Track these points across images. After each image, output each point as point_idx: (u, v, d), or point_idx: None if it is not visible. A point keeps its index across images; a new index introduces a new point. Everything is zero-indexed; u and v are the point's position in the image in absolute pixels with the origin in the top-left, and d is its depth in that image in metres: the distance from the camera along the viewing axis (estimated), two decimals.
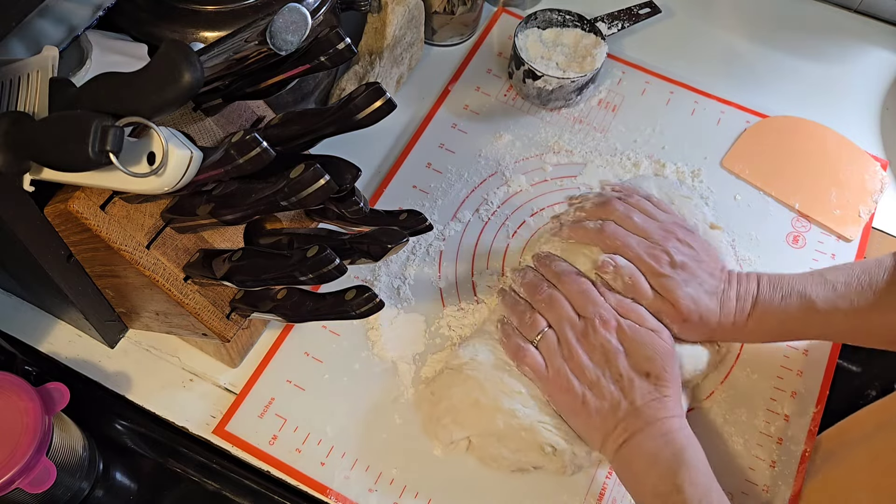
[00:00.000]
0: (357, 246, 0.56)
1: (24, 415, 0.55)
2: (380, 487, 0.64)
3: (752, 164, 0.82)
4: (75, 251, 0.57)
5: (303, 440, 0.65)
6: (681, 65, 0.90)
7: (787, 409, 0.68)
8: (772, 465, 0.66)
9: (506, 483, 0.64)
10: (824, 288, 0.63)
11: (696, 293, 0.65)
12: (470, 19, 0.88)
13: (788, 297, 0.64)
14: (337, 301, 0.53)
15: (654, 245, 0.67)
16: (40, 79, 0.51)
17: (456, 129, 0.83)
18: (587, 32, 0.85)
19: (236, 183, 0.50)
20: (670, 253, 0.67)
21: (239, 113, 0.60)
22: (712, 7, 0.96)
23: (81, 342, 0.69)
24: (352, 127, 0.50)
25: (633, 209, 0.70)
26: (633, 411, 0.59)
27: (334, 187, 0.46)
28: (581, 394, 0.61)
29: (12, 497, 0.56)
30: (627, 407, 0.60)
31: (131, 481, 0.65)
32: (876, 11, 0.95)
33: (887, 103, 0.89)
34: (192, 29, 0.63)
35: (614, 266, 0.66)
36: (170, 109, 0.45)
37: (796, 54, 0.92)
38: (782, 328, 0.65)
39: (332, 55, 0.50)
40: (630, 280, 0.66)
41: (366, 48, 0.80)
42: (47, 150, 0.45)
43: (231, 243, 0.59)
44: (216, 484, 0.65)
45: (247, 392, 0.67)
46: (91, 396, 0.67)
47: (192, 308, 0.57)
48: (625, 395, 0.60)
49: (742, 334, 0.66)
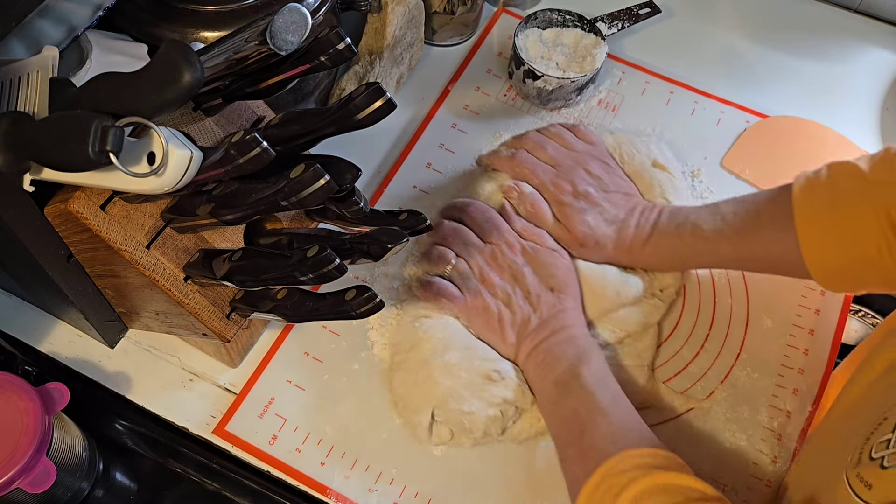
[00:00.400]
0: (357, 246, 0.56)
1: (24, 415, 0.55)
2: (380, 487, 0.64)
3: (752, 164, 0.82)
4: (75, 251, 0.57)
5: (303, 440, 0.65)
6: (681, 65, 0.90)
7: (789, 405, 0.68)
8: (773, 461, 0.66)
9: (506, 483, 0.64)
10: (714, 217, 0.67)
11: (595, 220, 0.70)
12: (470, 19, 0.88)
13: (682, 226, 0.68)
14: (337, 301, 0.53)
15: (559, 174, 0.73)
16: (40, 79, 0.51)
17: (456, 129, 0.83)
18: (587, 32, 0.85)
19: (236, 183, 0.50)
20: (574, 182, 0.72)
21: (239, 113, 0.60)
22: (712, 7, 0.96)
23: (81, 342, 0.69)
24: (352, 127, 0.50)
25: (547, 139, 0.76)
26: (541, 323, 0.65)
27: (334, 187, 0.46)
28: (497, 311, 0.66)
29: (12, 497, 0.56)
30: (536, 320, 0.66)
31: (131, 481, 0.65)
32: (876, 11, 0.95)
33: (887, 103, 0.89)
34: (192, 29, 0.63)
35: (518, 192, 0.72)
36: (170, 109, 0.45)
37: (796, 54, 0.92)
38: (676, 254, 0.69)
39: (332, 55, 0.50)
40: (531, 207, 0.71)
41: (366, 48, 0.80)
42: (47, 150, 0.45)
43: (231, 243, 0.59)
44: (216, 484, 0.65)
45: (247, 392, 0.67)
46: (91, 396, 0.67)
47: (192, 308, 0.57)
48: (534, 309, 0.66)
49: (640, 260, 0.70)
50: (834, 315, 0.74)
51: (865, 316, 1.00)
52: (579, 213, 0.70)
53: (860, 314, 1.00)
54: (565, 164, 0.73)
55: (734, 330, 0.72)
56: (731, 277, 0.75)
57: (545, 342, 0.64)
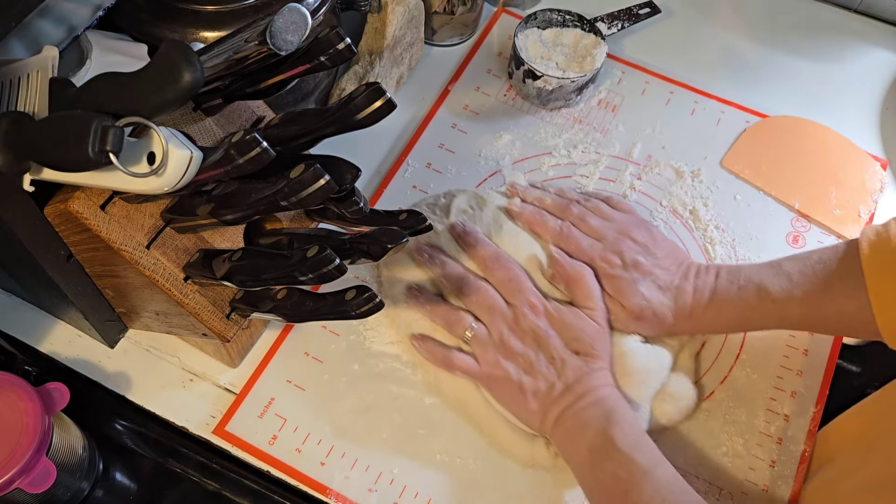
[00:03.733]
0: (357, 246, 0.56)
1: (24, 415, 0.55)
2: (380, 487, 0.64)
3: (752, 164, 0.82)
4: (75, 251, 0.57)
5: (303, 440, 0.65)
6: (681, 65, 0.90)
7: (786, 408, 0.68)
8: (772, 465, 0.66)
9: (506, 483, 0.64)
10: (779, 278, 0.63)
11: (649, 291, 0.66)
12: (470, 19, 0.88)
13: (745, 288, 0.64)
14: (337, 301, 0.53)
15: (606, 247, 0.69)
16: (40, 79, 0.51)
17: (456, 129, 0.83)
18: (587, 32, 0.85)
19: (236, 183, 0.50)
20: (622, 253, 0.68)
21: (239, 113, 0.60)
22: (712, 7, 0.96)
23: (81, 342, 0.69)
24: (352, 127, 0.50)
25: (588, 212, 0.72)
26: (566, 388, 0.62)
27: (334, 187, 0.46)
28: (518, 379, 0.63)
29: (12, 497, 0.56)
30: (562, 386, 0.62)
31: (131, 481, 0.65)
32: (876, 11, 0.95)
33: (887, 103, 0.89)
34: (192, 29, 0.63)
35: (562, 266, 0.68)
36: (170, 109, 0.45)
37: (796, 54, 0.92)
38: (740, 318, 0.65)
39: (332, 55, 0.50)
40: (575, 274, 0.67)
41: (366, 48, 0.80)
42: (47, 150, 0.45)
43: (231, 243, 0.59)
44: (216, 484, 0.65)
45: (247, 392, 0.67)
46: (91, 396, 0.67)
47: (192, 308, 0.57)
48: (559, 375, 0.62)
49: (701, 326, 0.67)
50: None
51: None
52: (632, 285, 0.66)
53: None
54: (610, 237, 0.70)
55: None
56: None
57: (571, 408, 0.61)
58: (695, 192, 0.80)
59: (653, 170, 0.81)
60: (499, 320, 0.65)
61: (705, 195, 0.80)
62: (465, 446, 0.66)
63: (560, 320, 0.65)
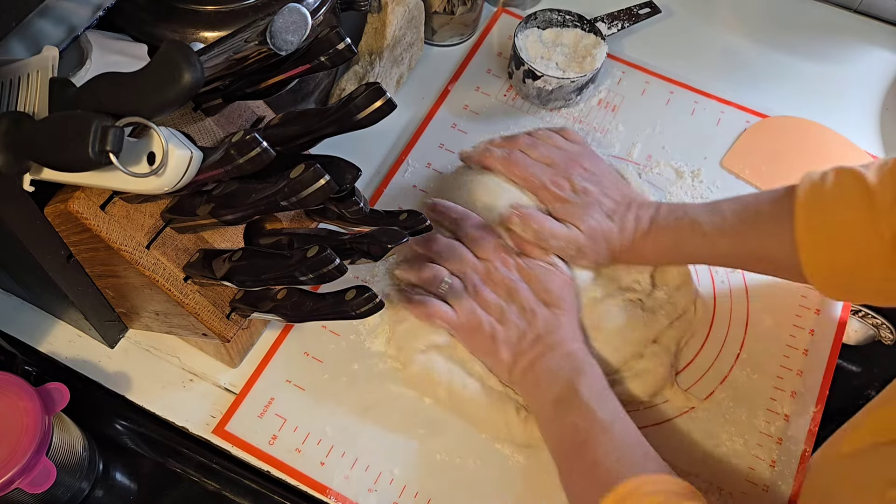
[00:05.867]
0: (357, 246, 0.56)
1: (24, 415, 0.55)
2: (380, 487, 0.64)
3: (752, 164, 0.82)
4: (75, 251, 0.57)
5: (303, 440, 0.65)
6: (681, 65, 0.90)
7: (786, 408, 0.68)
8: (772, 465, 0.66)
9: (506, 483, 0.64)
10: (714, 214, 0.67)
11: (598, 215, 0.70)
12: (470, 19, 0.88)
13: (681, 220, 0.68)
14: (337, 301, 0.53)
15: (556, 172, 0.73)
16: (40, 79, 0.51)
17: (456, 129, 0.83)
18: (587, 32, 0.85)
19: (236, 183, 0.50)
20: (572, 179, 0.72)
21: (239, 113, 0.60)
22: (712, 7, 0.96)
23: (81, 342, 0.69)
24: (352, 127, 0.50)
25: (538, 141, 0.76)
26: (536, 339, 0.64)
27: (334, 187, 0.46)
28: (490, 329, 0.65)
29: (12, 497, 0.56)
30: (532, 336, 0.65)
31: (131, 481, 0.65)
32: (876, 11, 0.95)
33: (887, 103, 0.89)
34: (192, 29, 0.63)
35: (519, 215, 0.70)
36: (170, 109, 0.45)
37: (796, 54, 0.92)
38: (675, 249, 0.69)
39: (332, 55, 0.50)
40: (537, 225, 0.69)
41: (366, 48, 0.80)
42: (47, 150, 0.45)
43: (231, 243, 0.59)
44: (216, 484, 0.65)
45: (247, 392, 0.67)
46: (91, 396, 0.67)
47: (192, 308, 0.57)
48: (529, 325, 0.65)
49: (640, 254, 0.70)
50: (834, 315, 0.74)
51: (866, 316, 1.00)
52: (583, 209, 0.70)
53: (861, 314, 1.00)
54: (560, 163, 0.73)
55: (734, 329, 0.72)
56: (730, 277, 0.75)
57: (541, 359, 0.63)
58: (695, 192, 0.80)
59: (653, 170, 0.81)
60: (471, 274, 0.68)
61: (705, 195, 0.80)
62: (464, 446, 0.66)
63: (530, 273, 0.68)
